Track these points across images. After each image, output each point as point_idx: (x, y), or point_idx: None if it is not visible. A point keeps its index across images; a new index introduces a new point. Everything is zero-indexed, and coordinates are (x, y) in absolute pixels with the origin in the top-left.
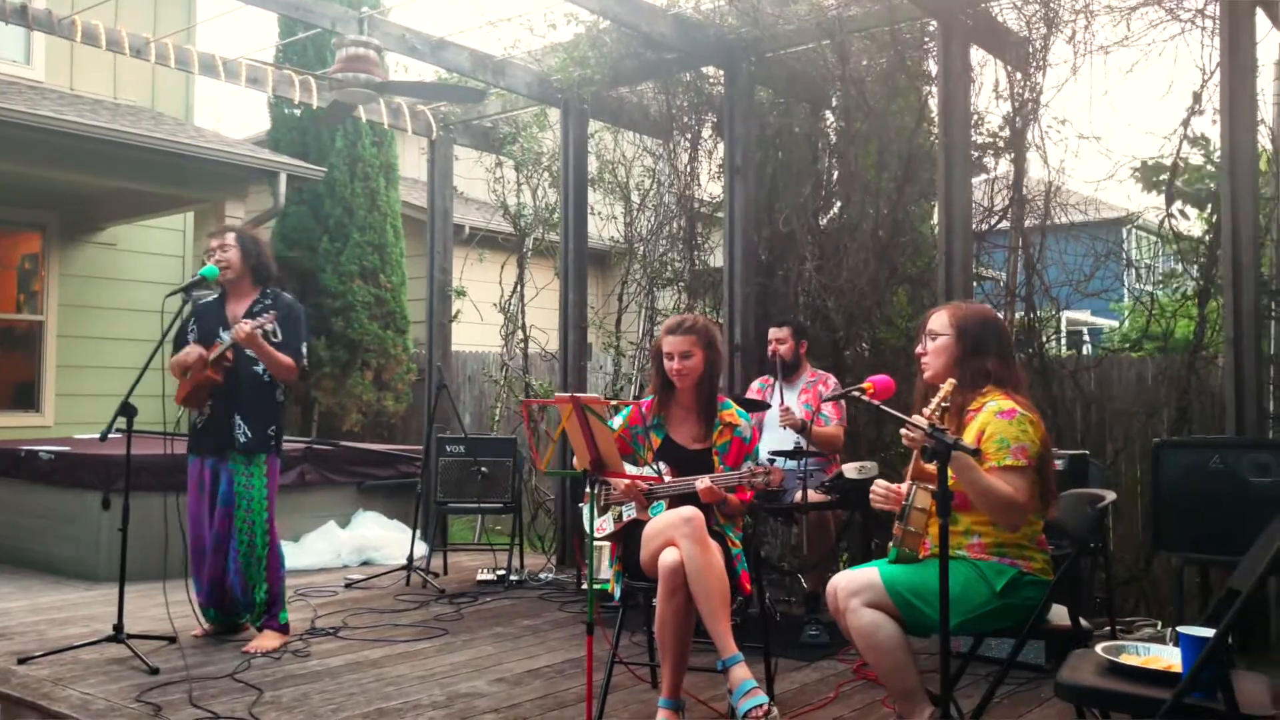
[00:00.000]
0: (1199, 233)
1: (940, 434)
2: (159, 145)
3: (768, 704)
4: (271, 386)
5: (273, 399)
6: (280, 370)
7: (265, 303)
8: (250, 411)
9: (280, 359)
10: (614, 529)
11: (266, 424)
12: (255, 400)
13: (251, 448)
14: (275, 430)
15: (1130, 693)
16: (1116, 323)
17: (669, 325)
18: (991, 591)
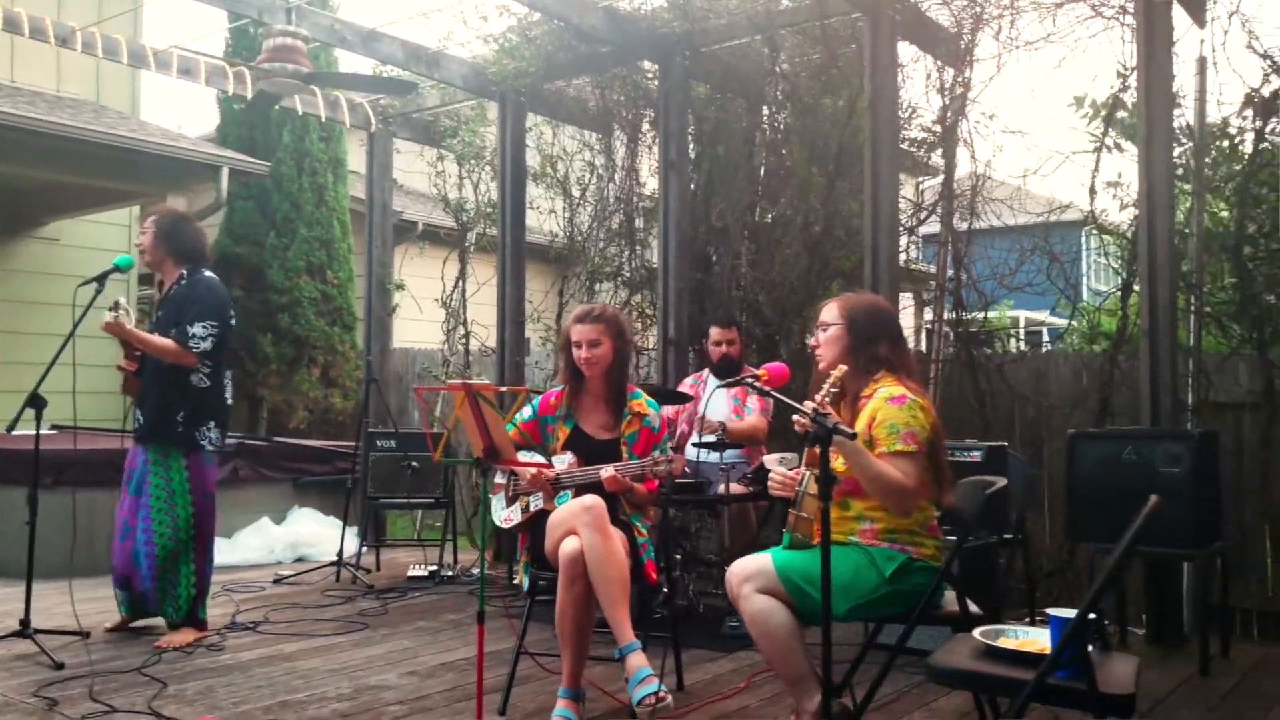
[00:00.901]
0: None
1: (822, 418)
2: (99, 139)
3: (662, 691)
4: (175, 373)
5: (179, 384)
6: (164, 354)
7: (180, 285)
8: (150, 398)
9: (156, 344)
10: (521, 519)
11: (170, 411)
12: (156, 387)
13: (159, 438)
14: (184, 418)
15: (998, 674)
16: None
17: (577, 314)
18: (881, 577)
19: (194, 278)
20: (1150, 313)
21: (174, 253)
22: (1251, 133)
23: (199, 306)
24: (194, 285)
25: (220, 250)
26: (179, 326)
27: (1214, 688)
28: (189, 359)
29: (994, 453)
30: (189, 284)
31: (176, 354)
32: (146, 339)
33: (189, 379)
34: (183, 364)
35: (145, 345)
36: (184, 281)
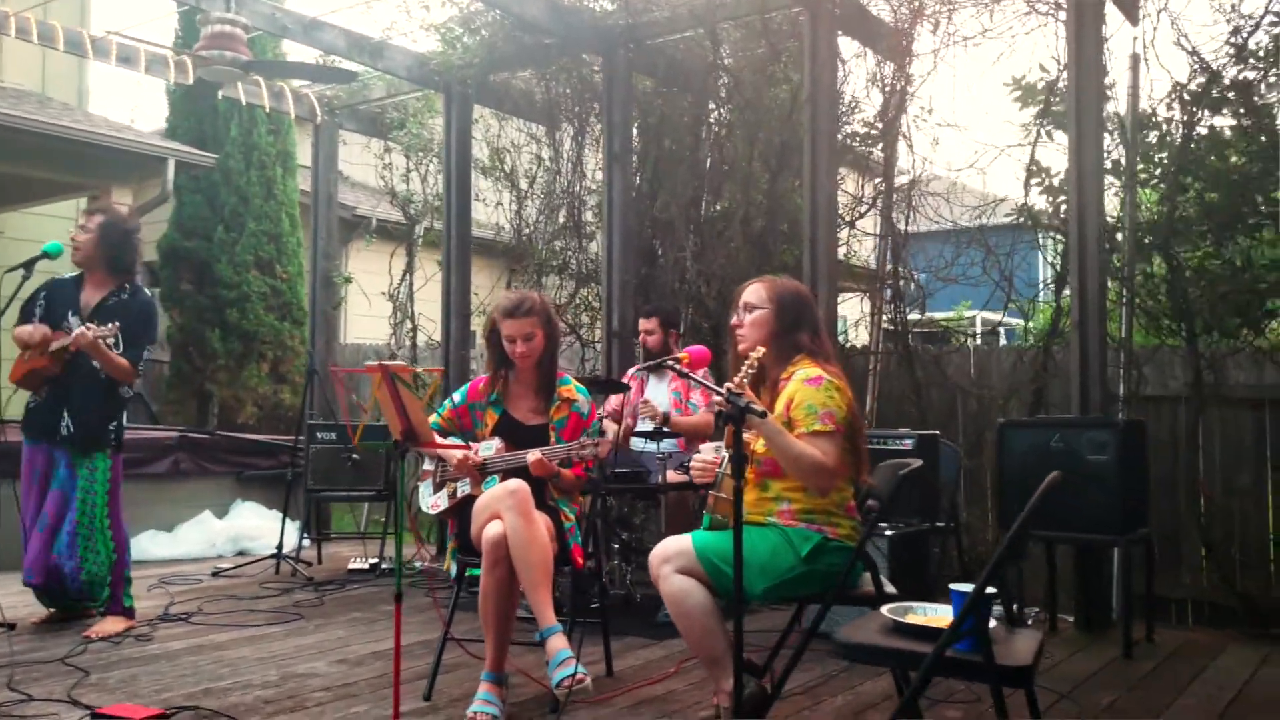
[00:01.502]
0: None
1: (735, 398)
2: (42, 129)
3: (580, 673)
4: (109, 384)
5: (112, 395)
6: (117, 374)
7: (122, 298)
8: (82, 406)
9: (118, 363)
10: (448, 505)
11: (105, 420)
12: (88, 395)
13: (84, 442)
14: (116, 427)
15: (901, 648)
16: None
17: (506, 308)
18: (797, 557)
19: (135, 296)
20: (1080, 304)
21: (110, 262)
22: (1179, 125)
23: (149, 333)
24: (142, 307)
25: (169, 244)
26: (132, 350)
27: (1135, 670)
28: (133, 378)
29: (925, 441)
30: (133, 302)
31: (128, 374)
32: (111, 357)
33: (119, 391)
34: (125, 381)
35: (107, 362)
36: (125, 296)
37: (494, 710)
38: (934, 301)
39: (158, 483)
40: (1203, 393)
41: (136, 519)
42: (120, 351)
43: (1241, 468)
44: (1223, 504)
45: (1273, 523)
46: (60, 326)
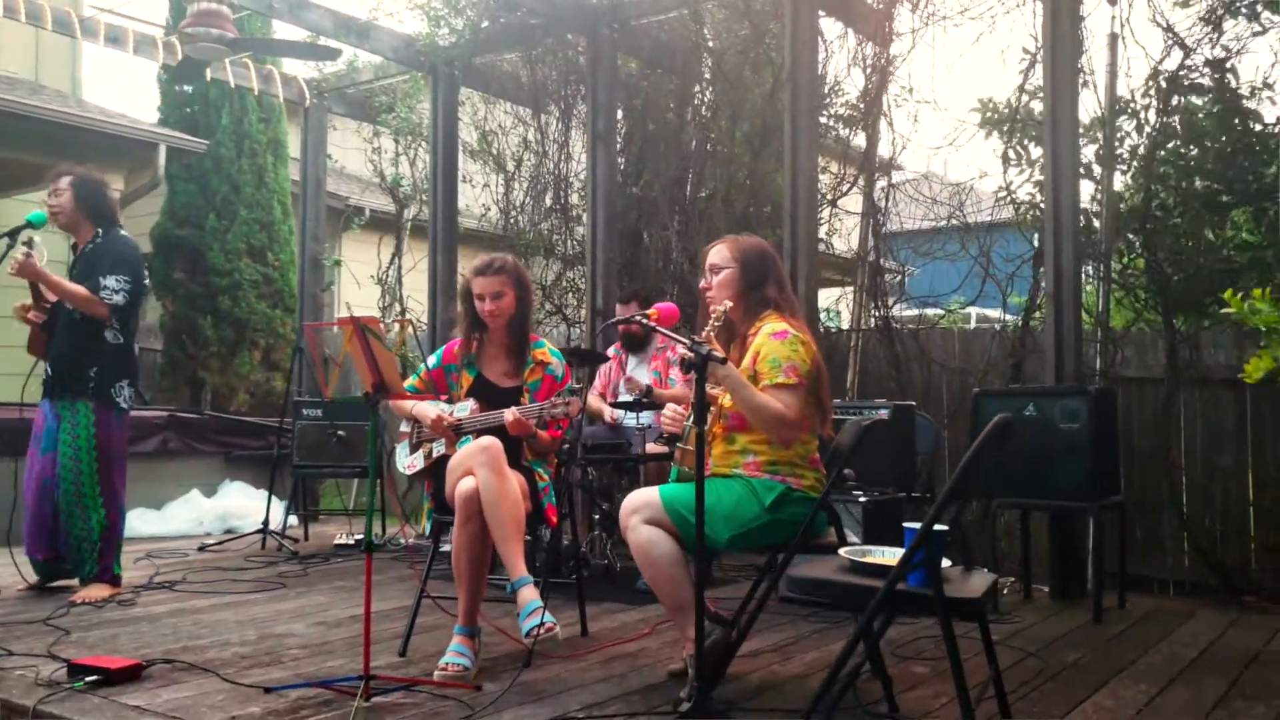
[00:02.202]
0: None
1: (698, 346)
2: (34, 113)
3: (549, 622)
4: (89, 326)
5: (91, 338)
6: (76, 301)
7: (97, 241)
8: (62, 351)
9: (68, 288)
10: (424, 465)
11: (81, 365)
12: (68, 339)
13: (62, 387)
14: (97, 374)
15: (852, 583)
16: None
17: (478, 266)
18: (761, 506)
19: (109, 234)
20: (1055, 277)
21: (90, 214)
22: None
23: (112, 260)
24: (110, 241)
25: (161, 232)
26: (91, 280)
27: (1104, 633)
28: (101, 309)
29: (901, 411)
30: (104, 240)
31: (88, 301)
32: (59, 282)
33: (103, 334)
34: (94, 314)
35: (56, 289)
36: (99, 239)
37: (465, 661)
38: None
39: (146, 461)
40: (1178, 372)
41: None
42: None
43: (1223, 448)
44: (1203, 484)
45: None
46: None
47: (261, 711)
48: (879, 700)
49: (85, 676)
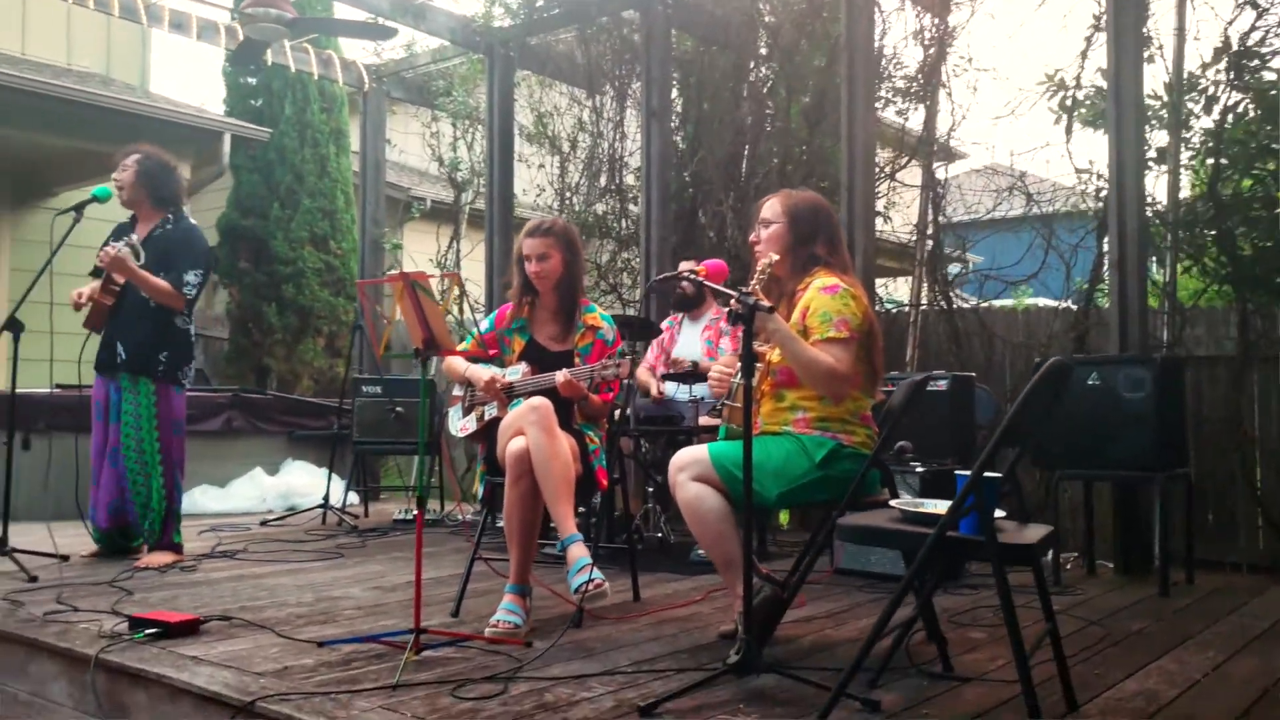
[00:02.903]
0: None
1: (745, 296)
2: (105, 103)
3: (598, 579)
4: (160, 312)
5: (164, 325)
6: (158, 295)
7: (165, 228)
8: (131, 334)
9: (154, 283)
10: (477, 428)
11: (155, 349)
12: (137, 323)
13: (132, 368)
14: (167, 357)
15: (902, 530)
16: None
17: (528, 228)
18: (811, 463)
19: (180, 224)
20: (1119, 242)
21: (153, 195)
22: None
23: (190, 256)
24: (183, 231)
25: (227, 222)
26: (173, 272)
27: (1170, 605)
28: (179, 303)
29: (960, 383)
30: (175, 229)
31: (170, 296)
32: (146, 278)
33: (173, 320)
34: (171, 306)
35: (144, 284)
36: (169, 226)
37: (516, 619)
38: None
39: (211, 439)
40: (1250, 348)
41: (190, 473)
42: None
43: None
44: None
45: None
46: None
47: (314, 663)
48: (933, 660)
49: (145, 629)
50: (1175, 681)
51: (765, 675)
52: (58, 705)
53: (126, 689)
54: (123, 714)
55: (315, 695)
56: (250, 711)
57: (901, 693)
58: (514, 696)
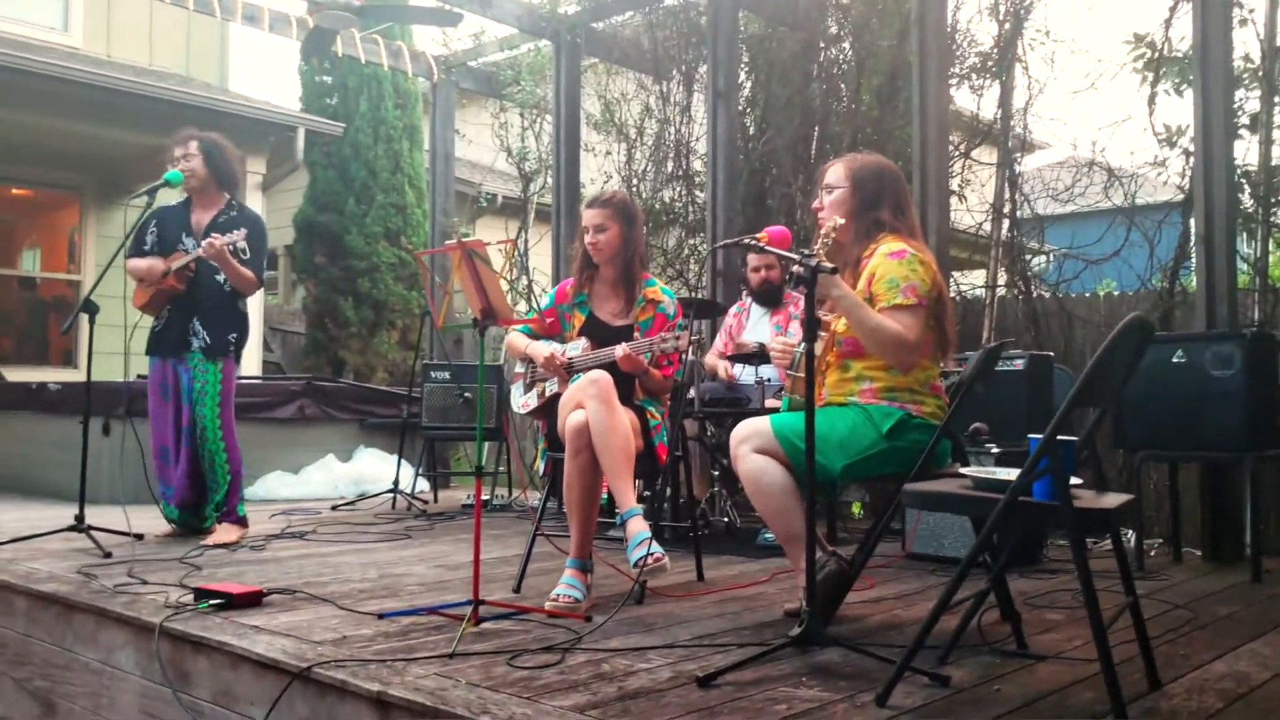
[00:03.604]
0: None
1: (807, 258)
2: (179, 99)
3: (658, 553)
4: (233, 296)
5: (235, 308)
6: (244, 285)
7: (231, 214)
8: (210, 318)
9: (245, 274)
10: (538, 404)
11: (227, 330)
12: (215, 307)
13: (211, 351)
14: (236, 338)
15: (972, 495)
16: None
17: (589, 199)
18: (878, 434)
19: (244, 212)
20: (1206, 217)
21: (219, 178)
22: None
23: (264, 245)
24: (249, 219)
25: (304, 218)
26: (254, 260)
27: (1261, 591)
28: (257, 289)
29: (1038, 362)
30: (241, 216)
31: (253, 284)
32: (239, 269)
33: (238, 304)
34: (250, 293)
35: (233, 272)
36: (234, 213)
37: (577, 593)
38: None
39: (284, 427)
40: None
41: (264, 460)
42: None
43: None
44: None
45: None
46: (175, 249)
47: (372, 633)
48: (1006, 639)
49: (209, 600)
50: (1268, 665)
51: (829, 651)
52: (125, 673)
53: (189, 656)
54: (186, 682)
55: (371, 663)
56: (306, 677)
57: (972, 669)
58: (570, 666)
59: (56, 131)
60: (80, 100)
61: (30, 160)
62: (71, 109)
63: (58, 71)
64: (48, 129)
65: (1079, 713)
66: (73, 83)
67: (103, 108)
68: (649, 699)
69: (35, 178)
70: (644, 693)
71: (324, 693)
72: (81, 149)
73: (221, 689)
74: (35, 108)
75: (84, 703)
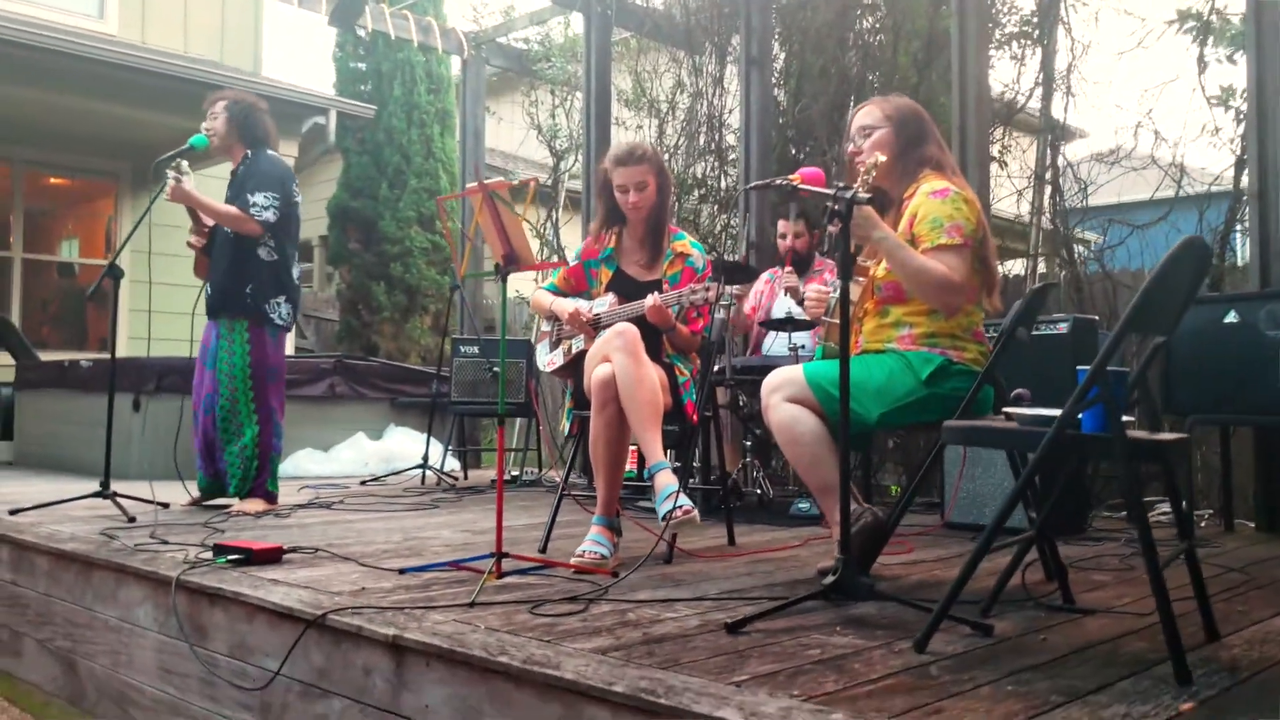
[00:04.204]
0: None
1: (843, 190)
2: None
3: (688, 505)
4: (243, 244)
5: (245, 257)
6: (226, 220)
7: (246, 164)
8: (220, 270)
9: (218, 208)
10: (564, 361)
11: (238, 283)
12: (225, 259)
13: (228, 309)
14: (253, 290)
15: (1014, 429)
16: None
17: (618, 156)
18: (917, 380)
19: (257, 154)
20: (1259, 172)
21: (245, 138)
22: None
23: (258, 179)
24: (257, 160)
25: (338, 204)
26: (241, 199)
27: None
28: (252, 226)
29: (1082, 325)
30: (252, 160)
31: (239, 219)
32: (209, 203)
33: (256, 251)
34: (247, 231)
35: (207, 210)
36: (247, 160)
37: (603, 550)
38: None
39: (314, 404)
40: None
41: (293, 439)
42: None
43: None
44: None
45: None
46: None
47: (392, 586)
48: (1052, 593)
49: (228, 556)
50: None
51: (864, 605)
52: (144, 629)
53: (206, 610)
54: (202, 636)
55: (388, 610)
56: (322, 625)
57: (1016, 622)
58: (594, 615)
59: (92, 115)
60: (115, 81)
61: (68, 147)
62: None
63: (91, 52)
64: (84, 112)
65: (1131, 662)
66: (106, 63)
67: (136, 89)
68: (675, 643)
69: (73, 164)
70: (670, 638)
71: (339, 640)
72: (117, 134)
73: (237, 641)
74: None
75: (104, 660)
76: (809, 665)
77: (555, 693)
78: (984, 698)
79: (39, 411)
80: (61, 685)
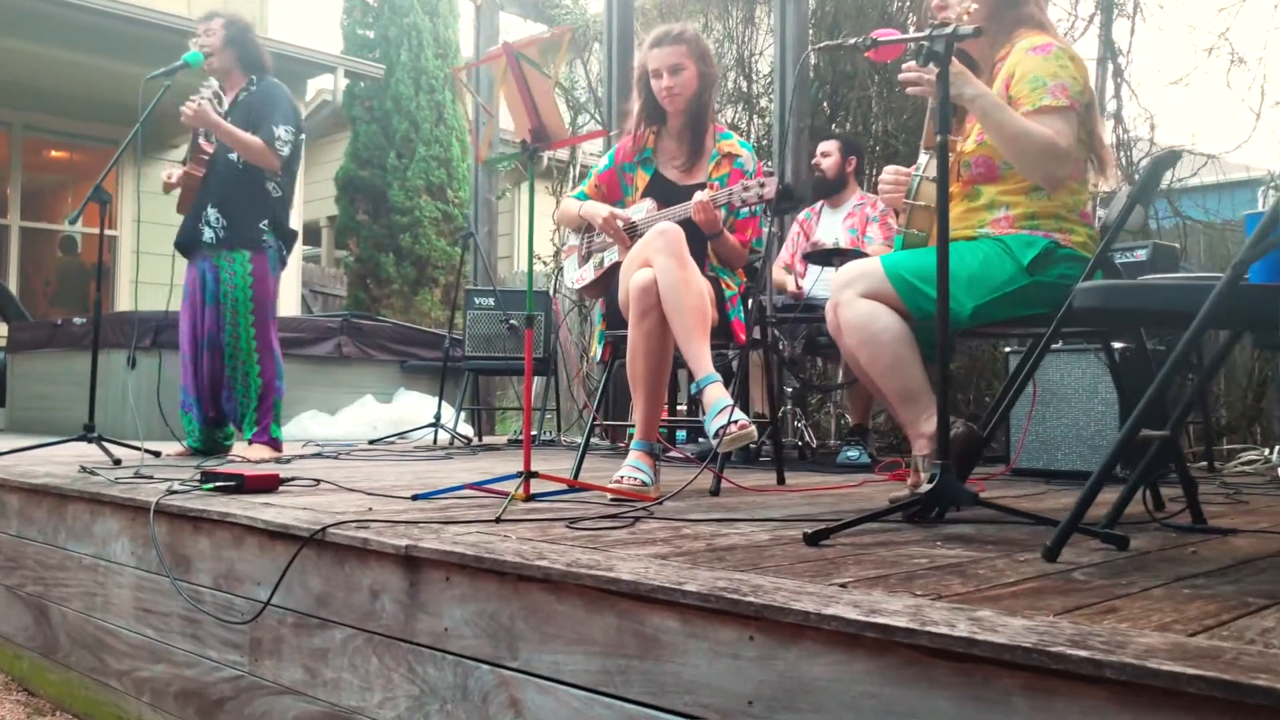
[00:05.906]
0: None
1: (938, 29)
2: None
3: (743, 420)
4: (251, 174)
5: (259, 190)
6: (249, 151)
7: (250, 89)
8: (225, 201)
9: (242, 137)
10: (595, 276)
11: (251, 217)
12: (231, 189)
13: (231, 241)
14: (267, 225)
15: (1173, 284)
16: None
17: (655, 37)
18: (1018, 267)
19: (265, 81)
20: None
21: (242, 59)
22: None
23: (280, 110)
24: (268, 89)
25: (346, 175)
26: (264, 128)
27: None
28: (274, 160)
29: (1162, 252)
30: (261, 88)
31: (263, 153)
32: (233, 132)
33: (266, 186)
34: (266, 165)
35: (230, 138)
36: (254, 87)
37: (644, 476)
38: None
39: (320, 365)
40: None
41: (298, 399)
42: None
43: None
44: None
45: None
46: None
47: (404, 508)
48: (1180, 511)
49: (217, 482)
50: None
51: (959, 525)
52: (121, 565)
53: (189, 537)
54: (185, 568)
55: (400, 524)
56: (321, 542)
57: (1150, 539)
58: (643, 530)
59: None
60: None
61: (67, 111)
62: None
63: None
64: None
65: None
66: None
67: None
68: (747, 552)
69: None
70: (740, 548)
71: (341, 559)
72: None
73: (224, 570)
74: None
75: (77, 604)
76: (922, 571)
77: (608, 600)
78: (1160, 599)
79: (30, 372)
80: (32, 635)
